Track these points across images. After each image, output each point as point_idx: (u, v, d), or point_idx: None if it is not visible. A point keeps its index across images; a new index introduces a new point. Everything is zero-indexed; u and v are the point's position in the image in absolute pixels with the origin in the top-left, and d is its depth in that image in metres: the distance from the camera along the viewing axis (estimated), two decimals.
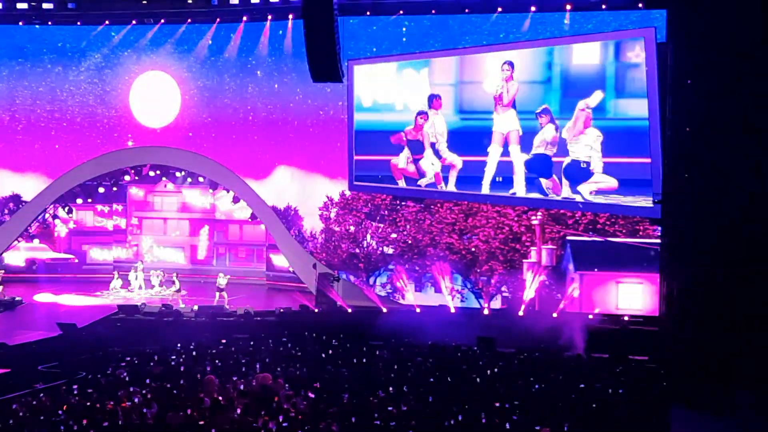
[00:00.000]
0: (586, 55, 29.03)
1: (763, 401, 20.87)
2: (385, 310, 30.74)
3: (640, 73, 27.74)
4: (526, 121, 29.84)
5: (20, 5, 36.81)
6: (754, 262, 24.56)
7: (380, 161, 33.72)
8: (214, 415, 17.51)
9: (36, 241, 41.53)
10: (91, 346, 26.12)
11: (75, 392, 19.99)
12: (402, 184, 33.20)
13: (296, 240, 38.66)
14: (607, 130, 28.72)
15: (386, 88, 33.26)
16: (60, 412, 17.93)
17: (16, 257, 40.71)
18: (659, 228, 28.84)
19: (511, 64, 30.11)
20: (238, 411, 17.78)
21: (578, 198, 28.97)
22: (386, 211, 36.52)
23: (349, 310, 31.07)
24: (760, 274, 24.35)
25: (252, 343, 26.26)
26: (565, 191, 29.08)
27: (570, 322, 27.49)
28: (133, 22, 38.12)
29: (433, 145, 32.14)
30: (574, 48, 29.04)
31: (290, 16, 35.65)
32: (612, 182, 28.18)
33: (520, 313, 29.89)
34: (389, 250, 36.13)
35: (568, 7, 31.15)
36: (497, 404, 18.90)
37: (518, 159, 30.17)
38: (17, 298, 33.57)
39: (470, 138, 31.36)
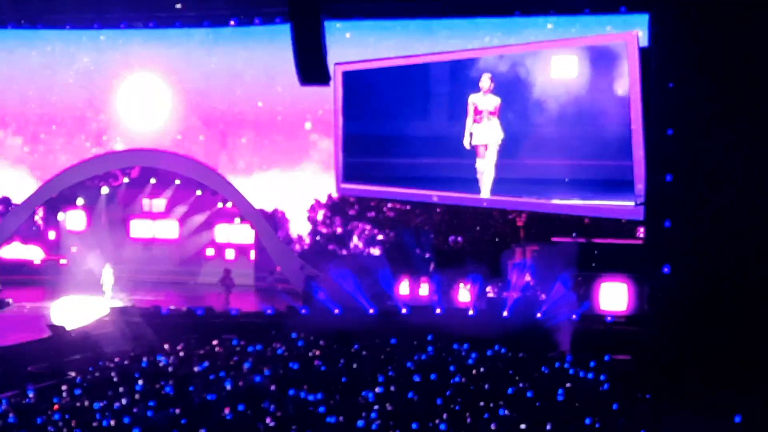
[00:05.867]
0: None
1: (746, 399, 21.15)
2: (371, 311, 30.92)
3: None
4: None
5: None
6: (737, 262, 24.86)
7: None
8: (203, 416, 17.74)
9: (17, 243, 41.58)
10: (80, 346, 26.27)
11: (64, 393, 20.17)
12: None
13: (283, 242, 38.84)
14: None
15: None
16: (49, 412, 18.12)
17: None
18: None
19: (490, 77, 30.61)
20: (226, 411, 18.00)
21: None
22: (373, 213, 36.73)
23: (336, 312, 31.23)
24: (743, 274, 24.66)
25: (240, 343, 26.43)
26: None
27: (554, 323, 27.74)
28: (122, 25, 38.18)
29: None
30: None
31: (277, 20, 35.77)
32: None
33: (505, 314, 30.09)
34: (376, 251, 36.33)
35: (552, 10, 31.34)
36: (482, 404, 19.17)
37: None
38: (7, 300, 33.66)
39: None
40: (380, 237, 36.19)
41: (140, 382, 21.03)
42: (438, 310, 30.96)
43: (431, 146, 32.70)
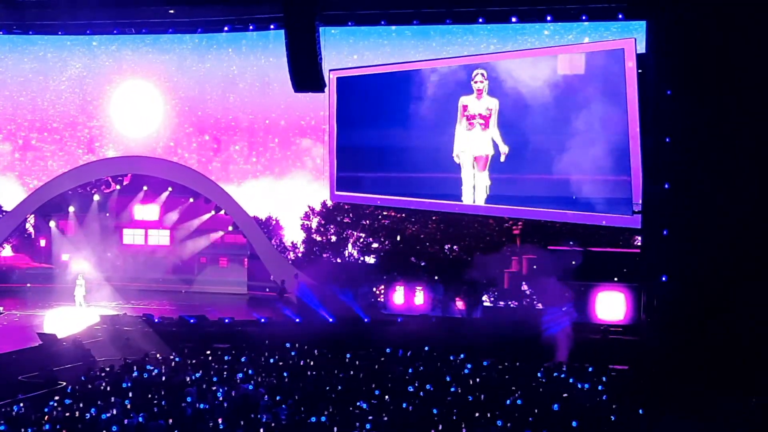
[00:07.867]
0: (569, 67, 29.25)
1: (743, 405, 20.98)
2: (366, 320, 30.72)
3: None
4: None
5: None
6: (734, 270, 24.70)
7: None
8: (195, 426, 17.53)
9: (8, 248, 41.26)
10: (71, 355, 26.03)
11: (55, 402, 19.92)
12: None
13: (277, 250, 38.62)
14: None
15: None
16: (41, 422, 17.89)
17: None
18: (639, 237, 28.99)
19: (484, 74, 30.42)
20: (219, 421, 17.79)
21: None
22: (367, 221, 36.54)
23: (331, 320, 31.03)
24: (740, 282, 24.50)
25: (233, 352, 26.23)
26: None
27: (551, 332, 27.58)
28: (115, 31, 37.99)
29: None
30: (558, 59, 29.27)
31: (272, 26, 35.63)
32: None
33: (501, 323, 29.92)
34: (371, 260, 36.12)
35: (549, 18, 31.22)
36: (477, 414, 18.97)
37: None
38: None
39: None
40: (375, 245, 35.96)
41: (132, 391, 20.81)
42: (433, 320, 30.80)
43: (425, 158, 32.48)
